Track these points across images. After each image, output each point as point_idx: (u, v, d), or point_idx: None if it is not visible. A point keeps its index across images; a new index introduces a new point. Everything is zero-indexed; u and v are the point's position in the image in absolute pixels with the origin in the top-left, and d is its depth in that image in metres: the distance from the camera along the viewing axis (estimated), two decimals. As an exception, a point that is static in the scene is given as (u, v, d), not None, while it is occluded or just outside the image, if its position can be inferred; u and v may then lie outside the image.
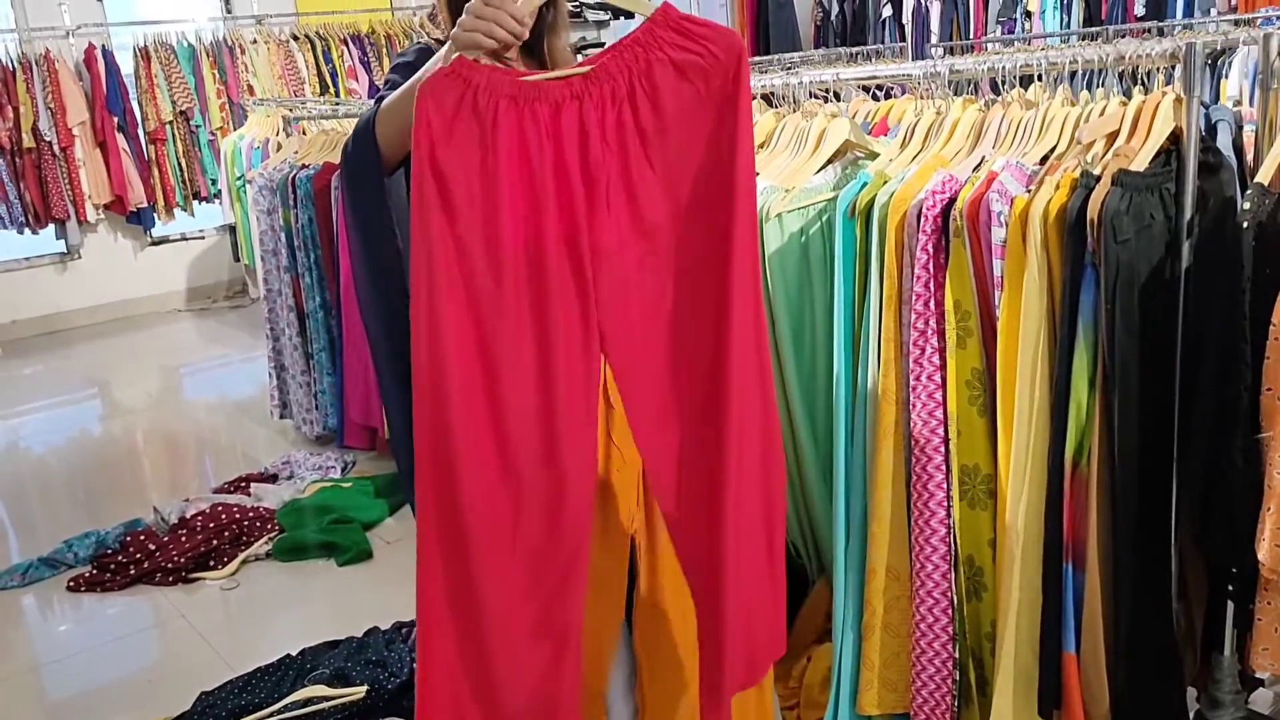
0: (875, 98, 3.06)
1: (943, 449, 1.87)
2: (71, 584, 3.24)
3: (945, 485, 1.88)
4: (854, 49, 5.94)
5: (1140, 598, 1.75)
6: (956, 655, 1.91)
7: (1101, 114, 1.86)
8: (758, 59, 6.40)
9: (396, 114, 1.57)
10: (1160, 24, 5.10)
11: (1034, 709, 1.82)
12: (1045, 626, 1.79)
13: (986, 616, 1.92)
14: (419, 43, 1.91)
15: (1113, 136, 1.80)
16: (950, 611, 1.90)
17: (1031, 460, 1.77)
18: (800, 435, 2.22)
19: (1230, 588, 1.84)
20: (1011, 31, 6.33)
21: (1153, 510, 1.76)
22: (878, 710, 2.01)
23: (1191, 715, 1.98)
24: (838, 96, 2.72)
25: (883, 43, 6.79)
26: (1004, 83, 2.15)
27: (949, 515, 1.89)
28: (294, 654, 2.60)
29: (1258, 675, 2.04)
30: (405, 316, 1.54)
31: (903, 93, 2.97)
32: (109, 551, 3.36)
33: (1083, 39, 5.03)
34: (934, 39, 6.53)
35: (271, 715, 2.28)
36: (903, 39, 6.74)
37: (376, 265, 1.72)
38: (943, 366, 1.86)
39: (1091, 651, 1.77)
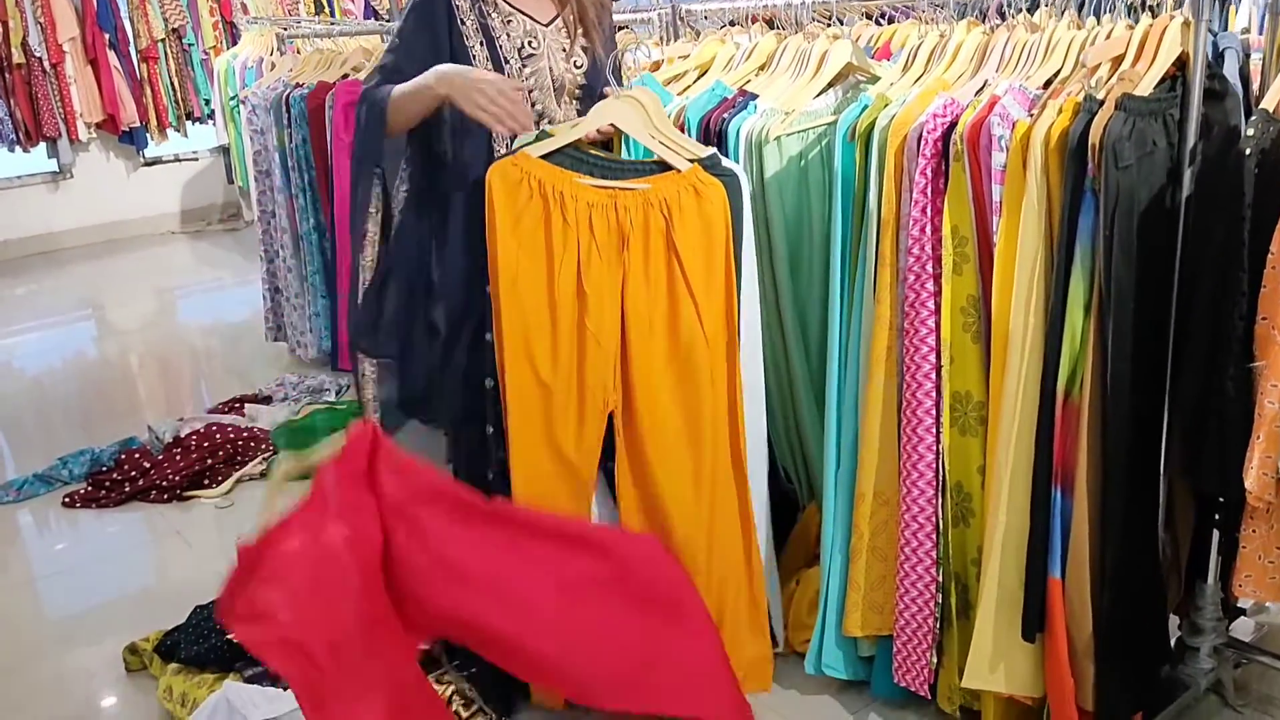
0: (878, 24, 3.01)
1: (934, 375, 1.87)
2: (67, 500, 3.26)
3: (936, 411, 1.88)
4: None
5: (1128, 525, 1.76)
6: (940, 579, 1.93)
7: (1108, 38, 1.82)
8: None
9: (403, 112, 1.99)
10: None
11: (1017, 632, 1.84)
12: (1032, 551, 1.80)
13: (973, 542, 1.94)
14: None
15: (1118, 61, 1.77)
16: (935, 536, 1.92)
17: (1024, 387, 1.77)
18: (793, 360, 2.22)
19: (1217, 516, 1.86)
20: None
21: (1143, 439, 1.76)
22: (862, 632, 2.04)
23: (1174, 641, 2.01)
24: (840, 23, 2.67)
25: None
26: (1010, 6, 2.11)
27: (938, 441, 1.89)
28: (287, 571, 2.62)
29: (1240, 603, 2.08)
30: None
31: (905, 19, 2.92)
32: (104, 469, 3.38)
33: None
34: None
35: (265, 629, 2.30)
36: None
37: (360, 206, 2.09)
38: (938, 293, 1.85)
39: (1077, 577, 1.78)
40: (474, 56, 2.02)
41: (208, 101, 6.89)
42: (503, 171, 1.93)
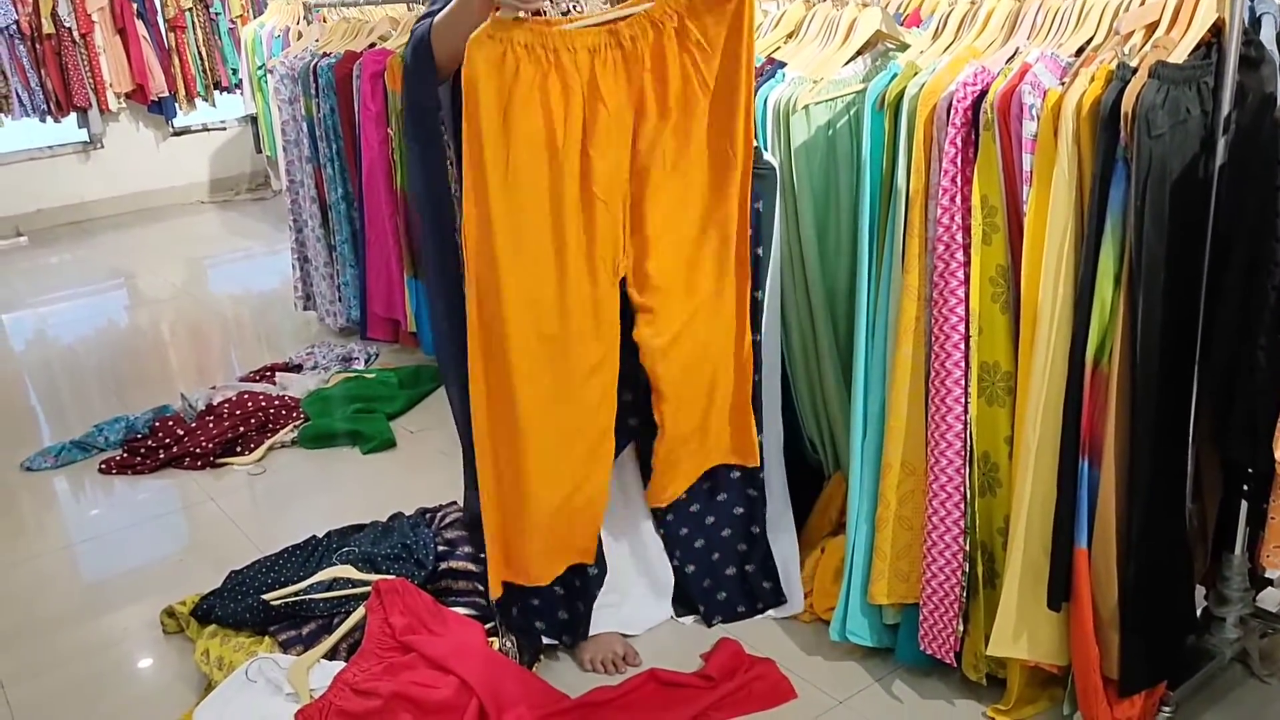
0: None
1: (963, 346, 1.87)
2: (103, 466, 3.32)
3: (964, 382, 1.89)
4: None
5: (1155, 495, 1.76)
6: (967, 548, 1.94)
7: (1142, 4, 1.80)
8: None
9: (446, 37, 1.79)
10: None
11: (1043, 601, 1.85)
12: (1058, 521, 1.81)
13: (1000, 512, 1.95)
14: None
15: (1152, 27, 1.75)
16: (963, 506, 1.92)
17: (1053, 358, 1.77)
18: (820, 329, 2.22)
19: (1245, 486, 1.86)
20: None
21: (1172, 409, 1.76)
22: (888, 600, 2.05)
23: (1199, 611, 2.01)
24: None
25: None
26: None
27: (966, 412, 1.90)
28: (320, 535, 2.66)
29: (1267, 574, 2.07)
30: (450, 212, 1.92)
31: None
32: (139, 436, 3.43)
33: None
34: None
35: (299, 594, 2.33)
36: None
37: (430, 169, 1.95)
38: (967, 263, 1.85)
39: (1103, 547, 1.79)
40: None
41: (235, 71, 6.91)
42: (481, 45, 1.70)
